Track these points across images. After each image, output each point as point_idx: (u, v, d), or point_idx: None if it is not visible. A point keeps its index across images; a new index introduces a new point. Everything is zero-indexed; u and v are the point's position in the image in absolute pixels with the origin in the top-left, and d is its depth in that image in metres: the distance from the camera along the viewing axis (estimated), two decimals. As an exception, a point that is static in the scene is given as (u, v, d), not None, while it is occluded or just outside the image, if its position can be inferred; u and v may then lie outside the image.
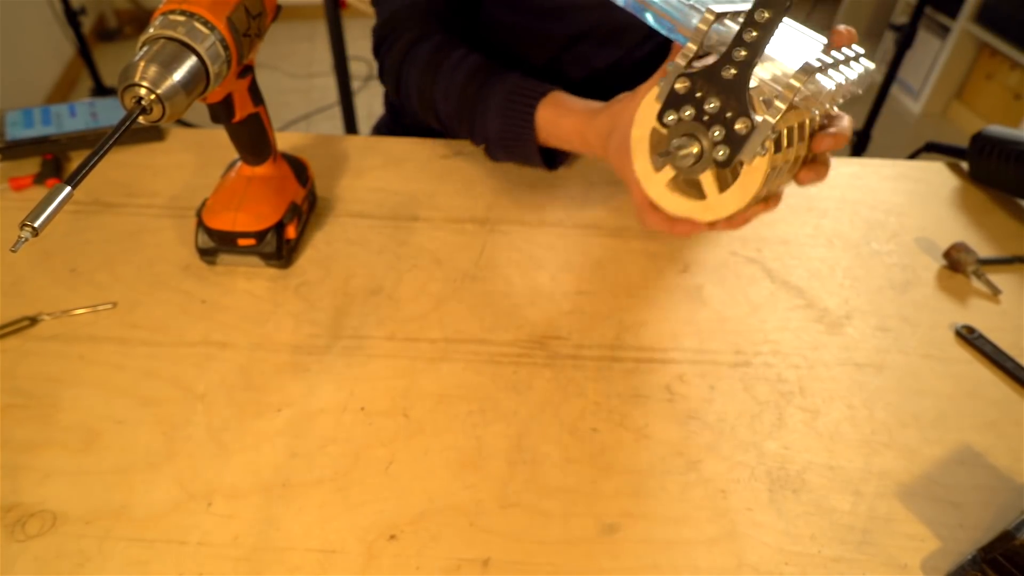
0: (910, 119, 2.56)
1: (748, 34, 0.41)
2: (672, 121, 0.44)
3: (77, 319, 0.56)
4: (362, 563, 0.42)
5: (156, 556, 0.42)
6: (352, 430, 0.49)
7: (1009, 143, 0.71)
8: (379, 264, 0.63)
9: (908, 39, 1.77)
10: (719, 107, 0.42)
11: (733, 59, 0.41)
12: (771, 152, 0.43)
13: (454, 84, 0.65)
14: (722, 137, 0.42)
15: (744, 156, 0.41)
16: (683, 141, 0.43)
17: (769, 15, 0.40)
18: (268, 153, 0.61)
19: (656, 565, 0.43)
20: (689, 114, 0.43)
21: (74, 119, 0.76)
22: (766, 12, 0.40)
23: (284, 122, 2.38)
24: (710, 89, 0.42)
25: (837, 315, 0.60)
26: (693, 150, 0.42)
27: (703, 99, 0.42)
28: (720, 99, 0.42)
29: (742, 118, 0.41)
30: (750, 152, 0.41)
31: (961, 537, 0.45)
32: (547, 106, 0.61)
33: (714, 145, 0.42)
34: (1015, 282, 0.63)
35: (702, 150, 0.43)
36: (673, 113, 0.44)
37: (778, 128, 0.42)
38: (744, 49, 0.41)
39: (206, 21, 0.44)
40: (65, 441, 0.48)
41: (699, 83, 0.43)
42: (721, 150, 0.42)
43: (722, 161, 0.42)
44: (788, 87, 0.39)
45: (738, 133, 0.41)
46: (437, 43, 0.68)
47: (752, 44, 0.40)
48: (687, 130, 0.43)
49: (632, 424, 0.50)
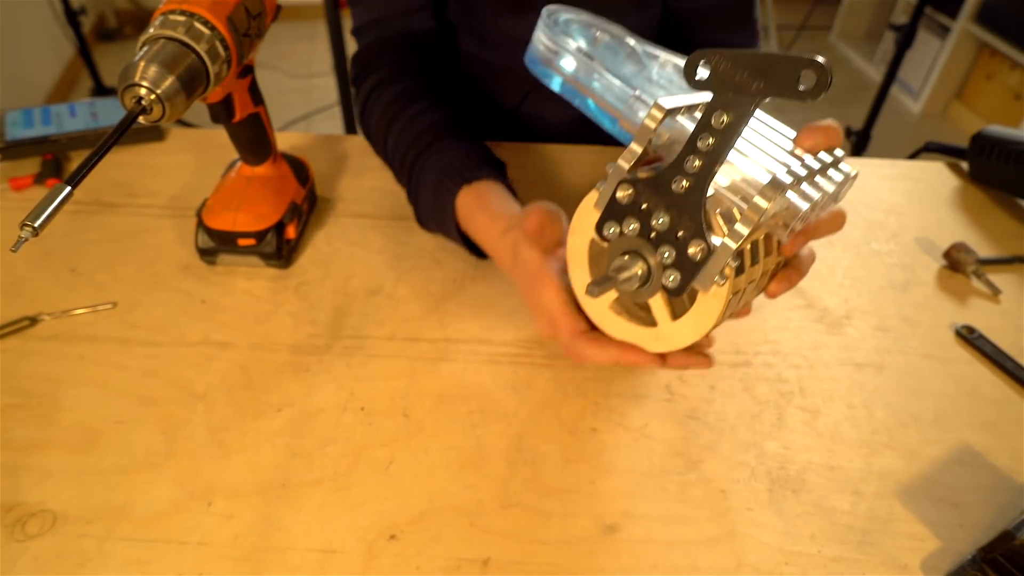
0: (910, 119, 2.56)
1: (703, 141, 0.34)
2: (613, 234, 0.37)
3: (77, 319, 0.56)
4: (362, 563, 0.42)
5: (156, 556, 0.42)
6: (352, 430, 0.49)
7: (1009, 143, 0.71)
8: (379, 264, 0.63)
9: (908, 39, 1.77)
10: (669, 224, 0.35)
11: (685, 170, 0.34)
12: (732, 278, 0.35)
13: (400, 143, 0.61)
14: (672, 260, 0.35)
15: (699, 284, 0.35)
16: (625, 261, 0.36)
17: (729, 119, 0.33)
18: (268, 153, 0.61)
19: (656, 565, 0.43)
20: (633, 229, 0.36)
21: (74, 119, 0.76)
22: (725, 116, 0.33)
23: (284, 122, 2.38)
24: (658, 202, 0.35)
25: (837, 315, 0.60)
26: (637, 271, 0.36)
27: (650, 213, 0.35)
28: (670, 215, 0.35)
29: (696, 240, 0.34)
30: (706, 280, 0.35)
31: (961, 537, 0.45)
32: (468, 195, 0.54)
33: (663, 268, 0.36)
34: (1015, 282, 0.63)
35: (649, 270, 0.36)
36: (614, 225, 0.37)
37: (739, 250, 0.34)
38: (699, 158, 0.34)
39: (206, 21, 0.44)
40: (65, 441, 0.48)
41: (645, 193, 0.36)
42: (671, 275, 0.35)
43: (673, 289, 0.36)
44: (754, 207, 0.32)
45: (692, 258, 0.34)
46: (399, 91, 0.64)
47: (709, 153, 0.34)
48: (631, 247, 0.37)
49: (632, 424, 0.50)
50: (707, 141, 0.34)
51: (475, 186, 0.54)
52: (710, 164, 0.34)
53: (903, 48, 1.78)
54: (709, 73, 0.34)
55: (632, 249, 0.37)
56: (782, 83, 0.31)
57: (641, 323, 0.40)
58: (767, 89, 0.32)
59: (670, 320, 0.38)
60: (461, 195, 0.54)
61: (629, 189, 0.36)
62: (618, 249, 0.38)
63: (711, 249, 0.34)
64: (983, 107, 2.43)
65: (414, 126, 0.60)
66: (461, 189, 0.54)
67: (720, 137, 0.33)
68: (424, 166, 0.58)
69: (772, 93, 0.32)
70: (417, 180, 0.59)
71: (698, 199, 0.34)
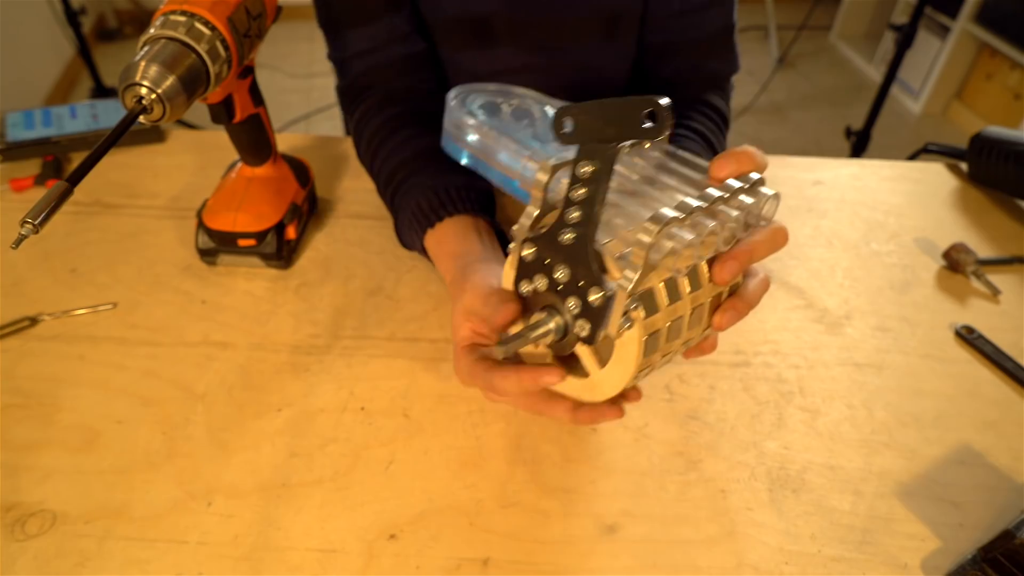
0: (910, 119, 2.56)
1: (576, 192, 0.34)
2: (529, 292, 0.38)
3: (77, 319, 0.56)
4: (362, 563, 0.42)
5: (156, 555, 0.42)
6: (352, 430, 0.49)
7: (1008, 144, 0.71)
8: (379, 264, 0.63)
9: (908, 39, 1.77)
10: (570, 276, 0.35)
11: (567, 222, 0.35)
12: (641, 319, 0.34)
13: (380, 178, 0.62)
14: (579, 310, 0.35)
15: (609, 330, 0.35)
16: (541, 318, 0.37)
17: (595, 168, 0.34)
18: (268, 154, 0.61)
19: (656, 565, 0.43)
20: (543, 284, 0.37)
21: (75, 121, 0.76)
22: (589, 166, 0.34)
23: (284, 122, 2.38)
24: (556, 255, 0.36)
25: (837, 315, 0.60)
26: (551, 325, 0.37)
27: (552, 267, 0.36)
28: (568, 266, 0.35)
29: (594, 288, 0.34)
30: (614, 325, 0.34)
31: (961, 536, 0.45)
32: (431, 239, 0.55)
33: (575, 319, 0.36)
34: (1014, 282, 0.63)
35: (565, 323, 0.37)
36: (527, 283, 0.38)
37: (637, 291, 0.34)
38: (576, 209, 0.34)
39: (207, 22, 0.44)
40: (65, 441, 0.48)
41: (545, 249, 0.36)
42: (580, 325, 0.36)
43: (586, 338, 0.36)
44: (639, 244, 0.32)
45: (593, 305, 0.34)
46: (383, 120, 0.63)
47: (583, 203, 0.34)
48: (547, 301, 0.37)
49: (632, 424, 0.50)
50: (579, 191, 0.34)
51: (438, 229, 0.54)
52: (587, 213, 0.34)
53: (903, 48, 1.78)
54: (573, 127, 0.35)
55: (549, 304, 0.37)
56: (631, 126, 0.33)
57: (577, 375, 0.39)
58: (621, 134, 0.33)
59: (599, 369, 0.38)
60: (427, 239, 0.55)
61: (532, 247, 0.37)
62: (538, 305, 0.38)
63: (607, 294, 0.34)
64: (983, 107, 2.43)
65: (392, 160, 0.60)
66: (426, 233, 0.55)
67: (590, 186, 0.34)
68: (398, 209, 0.58)
69: (625, 137, 0.33)
70: (396, 219, 0.60)
71: (584, 247, 0.34)
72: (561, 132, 0.36)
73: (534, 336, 0.36)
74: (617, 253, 0.35)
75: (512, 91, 0.47)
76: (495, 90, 0.46)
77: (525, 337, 0.36)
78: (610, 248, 0.35)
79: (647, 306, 0.35)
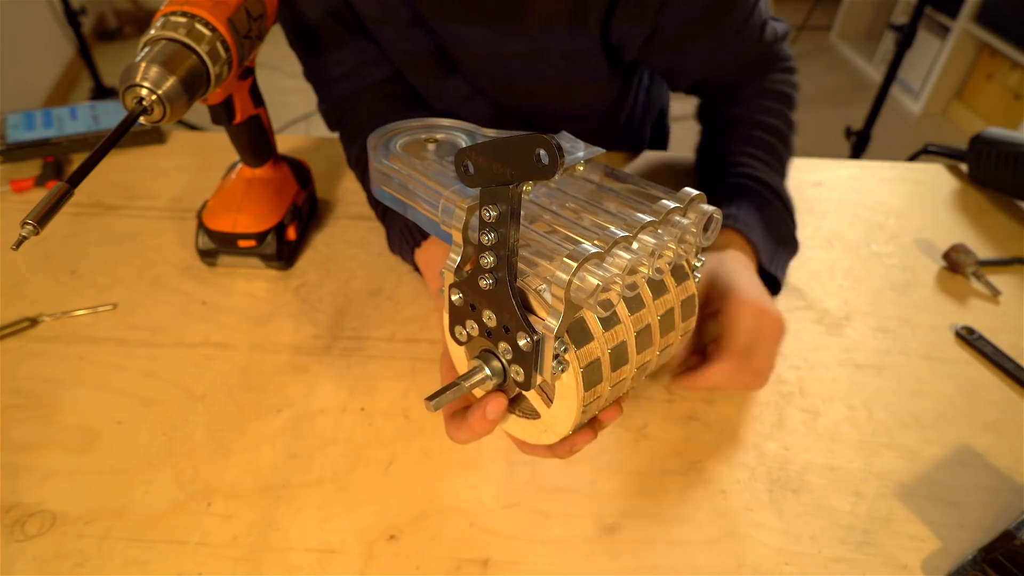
0: (910, 119, 2.56)
1: (487, 237, 0.33)
2: (464, 337, 0.37)
3: (77, 320, 0.56)
4: (362, 563, 0.42)
5: (156, 556, 0.42)
6: (352, 430, 0.49)
7: (1008, 145, 0.71)
8: (379, 266, 0.63)
9: (908, 39, 1.77)
10: (497, 320, 0.34)
11: (483, 267, 0.33)
12: (575, 358, 0.33)
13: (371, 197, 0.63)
14: (511, 355, 0.34)
15: (544, 374, 0.33)
16: (476, 365, 0.36)
17: (500, 211, 0.32)
18: (268, 155, 0.61)
19: (656, 565, 0.43)
20: (473, 329, 0.36)
21: (75, 122, 0.76)
22: (492, 210, 0.32)
23: (284, 122, 2.38)
24: (480, 301, 0.34)
25: (837, 316, 0.60)
26: (487, 371, 0.35)
27: (480, 312, 0.35)
28: (494, 311, 0.34)
29: (521, 333, 0.33)
30: (547, 368, 0.33)
31: (961, 537, 0.45)
32: (420, 258, 0.57)
33: (509, 363, 0.35)
34: (1014, 283, 0.63)
35: (503, 367, 0.35)
36: (461, 329, 0.37)
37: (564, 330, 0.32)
38: (491, 253, 0.33)
39: (207, 23, 0.44)
40: (65, 441, 0.48)
41: (470, 294, 0.35)
42: (515, 370, 0.34)
43: (521, 383, 0.34)
44: (557, 281, 0.31)
45: (523, 350, 0.33)
46: None
47: (495, 247, 0.32)
48: (483, 346, 0.36)
49: (632, 424, 0.50)
50: (489, 236, 0.33)
51: (425, 247, 0.56)
52: (501, 257, 0.32)
53: (903, 48, 1.78)
54: (474, 169, 0.33)
55: (485, 348, 0.36)
56: (526, 164, 0.30)
57: (528, 416, 0.38)
58: (518, 174, 0.31)
59: (547, 408, 0.36)
60: (416, 257, 0.57)
61: (459, 292, 0.36)
62: (473, 352, 0.37)
63: (534, 338, 0.32)
64: (983, 107, 2.43)
65: None
66: (414, 252, 0.57)
67: (499, 230, 0.32)
68: (388, 225, 0.60)
69: (522, 177, 0.31)
70: (387, 233, 0.60)
71: (504, 292, 0.33)
72: (464, 175, 0.34)
73: (469, 385, 0.35)
74: (541, 292, 0.33)
75: (438, 124, 0.45)
76: (419, 127, 0.44)
77: (459, 387, 0.35)
78: (532, 287, 0.33)
79: (580, 339, 0.33)
